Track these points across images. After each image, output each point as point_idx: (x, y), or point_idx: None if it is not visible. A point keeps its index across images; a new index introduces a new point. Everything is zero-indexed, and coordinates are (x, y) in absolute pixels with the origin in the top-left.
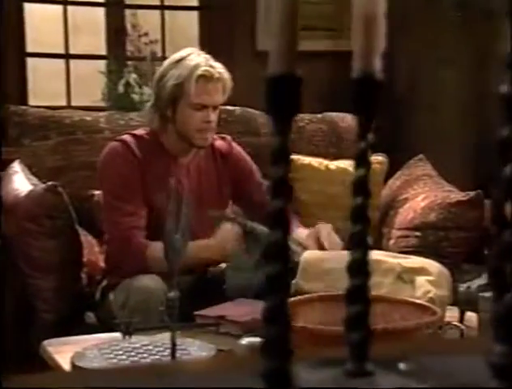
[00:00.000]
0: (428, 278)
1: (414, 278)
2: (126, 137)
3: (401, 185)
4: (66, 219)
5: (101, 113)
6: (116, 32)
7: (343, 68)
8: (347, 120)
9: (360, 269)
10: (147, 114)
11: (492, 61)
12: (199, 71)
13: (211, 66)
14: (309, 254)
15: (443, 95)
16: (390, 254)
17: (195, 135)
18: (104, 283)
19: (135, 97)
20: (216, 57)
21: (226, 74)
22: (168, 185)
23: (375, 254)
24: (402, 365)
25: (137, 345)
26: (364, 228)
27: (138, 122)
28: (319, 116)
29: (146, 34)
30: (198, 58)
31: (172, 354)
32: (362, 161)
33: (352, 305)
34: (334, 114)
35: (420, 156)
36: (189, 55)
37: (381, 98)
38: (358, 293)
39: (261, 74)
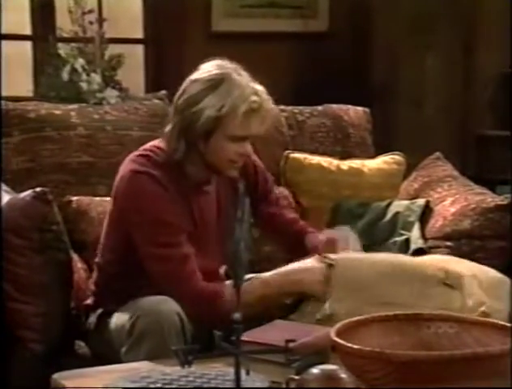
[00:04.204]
0: (477, 283)
1: (461, 282)
2: (148, 169)
3: (419, 188)
4: (56, 231)
5: (71, 106)
6: (42, 8)
7: (315, 52)
8: (351, 113)
9: None
10: (167, 140)
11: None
12: (247, 105)
13: (257, 94)
14: (339, 265)
15: (426, 85)
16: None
17: (226, 166)
18: (101, 309)
19: (83, 86)
20: (166, 40)
21: (271, 103)
22: (194, 214)
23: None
24: None
25: (174, 377)
26: None
27: (114, 117)
28: (320, 108)
29: (91, 11)
30: (240, 83)
31: (238, 386)
32: None
33: None
34: (335, 106)
35: (437, 154)
36: (226, 77)
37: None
38: None
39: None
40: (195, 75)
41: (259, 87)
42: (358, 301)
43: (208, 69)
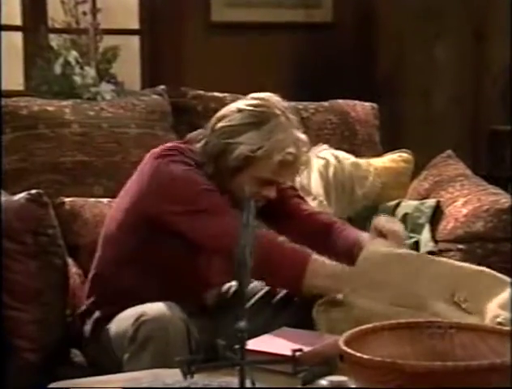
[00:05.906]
0: (498, 300)
1: (482, 307)
2: (179, 146)
3: (430, 188)
4: (51, 235)
5: (65, 103)
6: None
7: (319, 43)
8: (358, 109)
9: None
10: (199, 153)
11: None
12: (283, 156)
13: (296, 146)
14: (366, 258)
15: (435, 76)
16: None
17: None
18: (97, 314)
19: (77, 80)
20: (163, 31)
21: (307, 154)
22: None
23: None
24: None
25: (176, 388)
26: None
27: (111, 113)
28: (326, 104)
29: (84, 1)
30: (285, 129)
31: None
32: None
33: None
34: (342, 102)
35: (448, 152)
36: (273, 117)
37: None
38: None
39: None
40: (241, 104)
41: (302, 136)
42: (374, 298)
43: (257, 102)
